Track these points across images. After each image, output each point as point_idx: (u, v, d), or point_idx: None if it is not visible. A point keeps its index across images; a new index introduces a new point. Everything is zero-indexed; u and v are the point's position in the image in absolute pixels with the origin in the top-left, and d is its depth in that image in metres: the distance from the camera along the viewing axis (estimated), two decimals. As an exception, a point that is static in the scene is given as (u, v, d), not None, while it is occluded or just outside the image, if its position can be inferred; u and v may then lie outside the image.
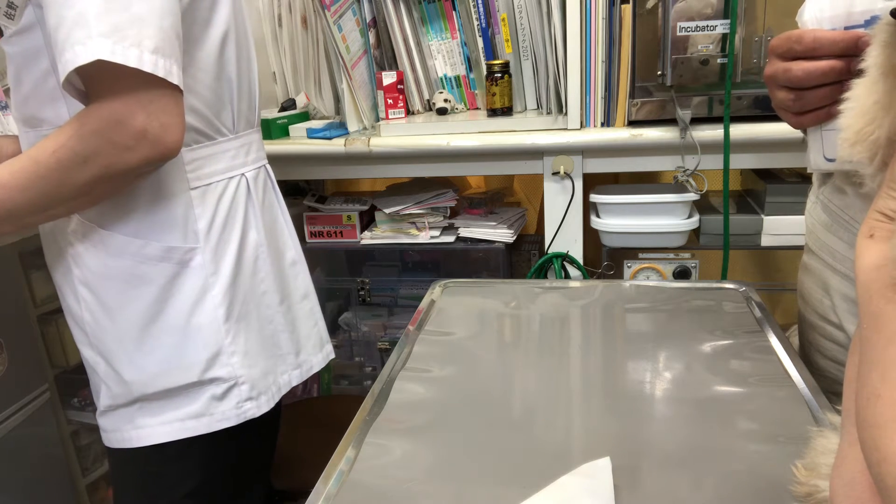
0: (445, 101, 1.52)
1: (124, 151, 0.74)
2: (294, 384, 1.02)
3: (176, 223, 0.87)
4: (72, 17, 0.69)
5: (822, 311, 0.84)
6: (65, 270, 0.90)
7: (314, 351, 1.07)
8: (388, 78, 1.49)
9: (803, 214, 0.87)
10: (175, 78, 0.74)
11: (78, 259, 0.87)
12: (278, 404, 1.00)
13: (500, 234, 1.52)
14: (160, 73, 0.72)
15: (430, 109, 1.58)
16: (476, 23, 1.48)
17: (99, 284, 0.87)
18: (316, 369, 1.07)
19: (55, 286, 0.94)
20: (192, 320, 0.88)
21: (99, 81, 0.72)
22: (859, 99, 0.40)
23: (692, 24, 1.20)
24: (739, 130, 1.26)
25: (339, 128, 1.50)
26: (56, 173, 0.74)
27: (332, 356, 1.12)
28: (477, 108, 1.58)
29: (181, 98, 0.77)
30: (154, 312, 0.87)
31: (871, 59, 0.40)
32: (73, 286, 0.89)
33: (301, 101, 1.61)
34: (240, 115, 0.93)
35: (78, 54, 0.69)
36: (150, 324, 0.87)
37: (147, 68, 0.71)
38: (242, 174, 0.94)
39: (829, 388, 0.77)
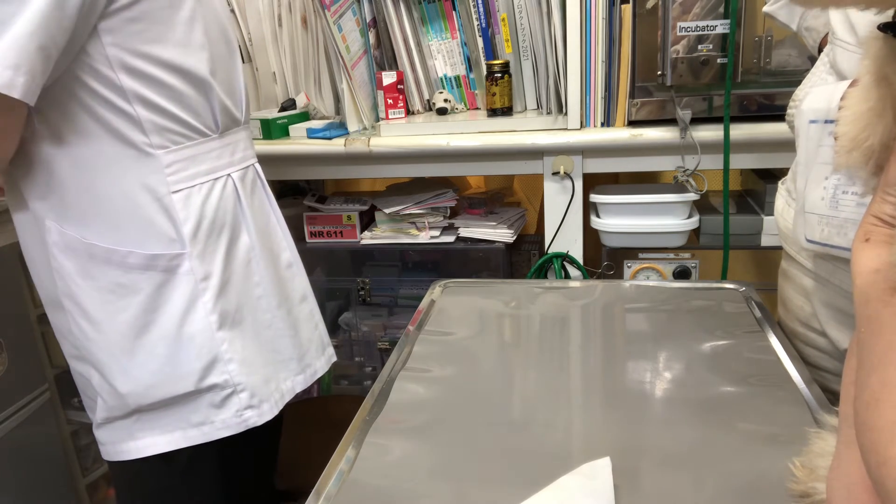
0: (445, 101, 1.52)
1: None
2: (298, 390, 0.99)
3: (158, 229, 0.84)
4: None
5: (804, 318, 0.83)
6: (48, 283, 0.87)
7: (317, 354, 1.05)
8: (388, 78, 1.49)
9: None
10: (17, 92, 0.68)
11: (61, 271, 0.84)
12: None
13: (500, 234, 1.52)
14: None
15: (430, 109, 1.58)
16: (476, 23, 1.48)
17: (84, 296, 0.84)
18: (320, 373, 1.05)
19: (42, 301, 0.92)
20: (184, 329, 0.86)
21: None
22: (854, 106, 0.40)
23: (692, 24, 1.20)
24: (739, 130, 1.26)
25: (339, 128, 1.50)
26: None
27: (335, 359, 1.10)
28: (477, 108, 1.58)
29: (21, 111, 0.74)
30: (144, 323, 0.85)
31: (864, 68, 0.40)
32: (58, 299, 0.86)
33: (301, 101, 1.61)
34: (222, 113, 0.90)
35: None
36: (140, 334, 0.85)
37: None
38: (228, 175, 0.91)
39: None
